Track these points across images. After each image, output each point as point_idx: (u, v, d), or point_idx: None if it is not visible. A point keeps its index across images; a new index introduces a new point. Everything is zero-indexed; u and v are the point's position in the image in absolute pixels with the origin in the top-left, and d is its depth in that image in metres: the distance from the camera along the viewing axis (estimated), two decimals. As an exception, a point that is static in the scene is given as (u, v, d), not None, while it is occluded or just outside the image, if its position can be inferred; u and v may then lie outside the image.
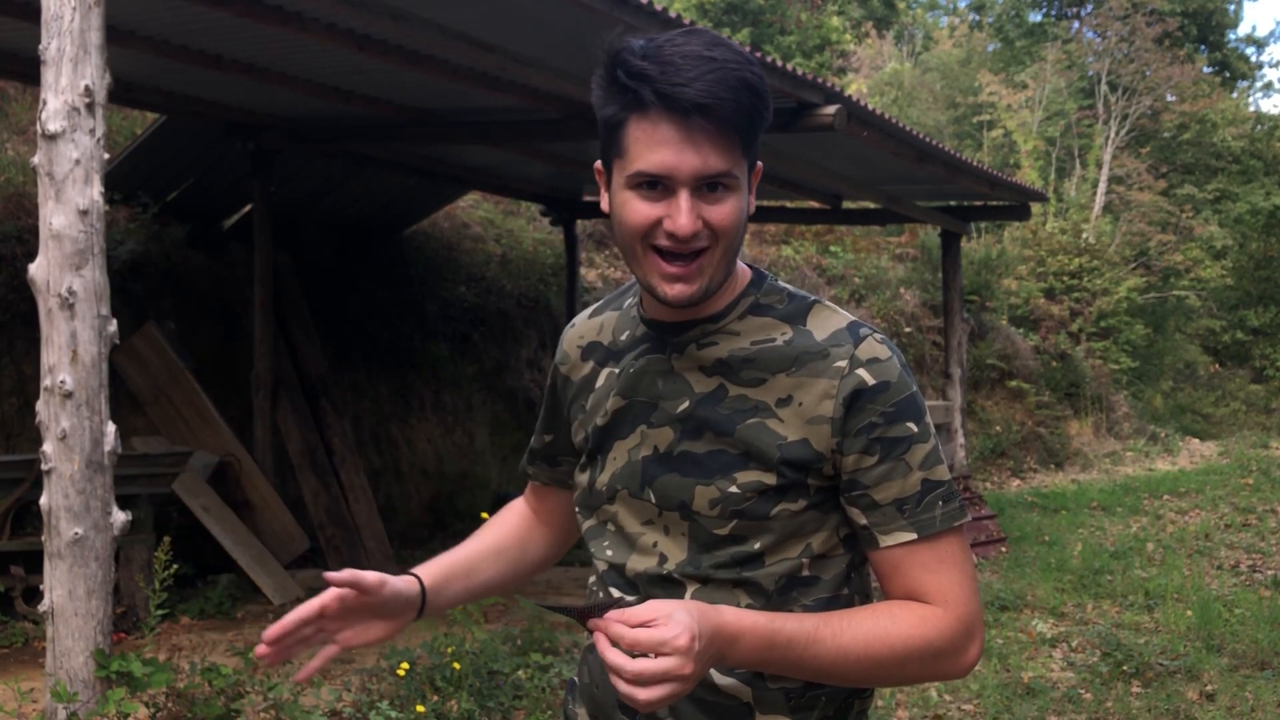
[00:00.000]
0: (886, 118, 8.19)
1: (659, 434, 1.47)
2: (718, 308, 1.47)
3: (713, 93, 1.31)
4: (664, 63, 1.32)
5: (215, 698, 4.18)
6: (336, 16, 5.60)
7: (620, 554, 1.51)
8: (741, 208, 1.39)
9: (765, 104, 1.37)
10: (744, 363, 1.44)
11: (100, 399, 3.87)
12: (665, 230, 1.35)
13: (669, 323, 1.48)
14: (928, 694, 5.50)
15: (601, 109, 1.39)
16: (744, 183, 1.39)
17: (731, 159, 1.35)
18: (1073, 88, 25.32)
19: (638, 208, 1.36)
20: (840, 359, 1.41)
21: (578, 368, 1.60)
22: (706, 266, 1.38)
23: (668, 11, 5.83)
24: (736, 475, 1.42)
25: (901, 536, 1.41)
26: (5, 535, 6.46)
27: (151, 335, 8.22)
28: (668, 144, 1.33)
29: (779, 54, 21.63)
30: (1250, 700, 5.33)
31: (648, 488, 1.48)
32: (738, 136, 1.35)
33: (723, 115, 1.32)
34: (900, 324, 15.19)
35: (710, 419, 1.44)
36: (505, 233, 12.97)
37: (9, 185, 8.80)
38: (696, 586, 1.45)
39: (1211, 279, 23.50)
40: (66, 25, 3.83)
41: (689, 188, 1.34)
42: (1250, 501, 11.83)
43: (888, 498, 1.40)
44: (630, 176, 1.36)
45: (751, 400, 1.43)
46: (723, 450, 1.43)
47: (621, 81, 1.34)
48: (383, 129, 8.39)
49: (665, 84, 1.31)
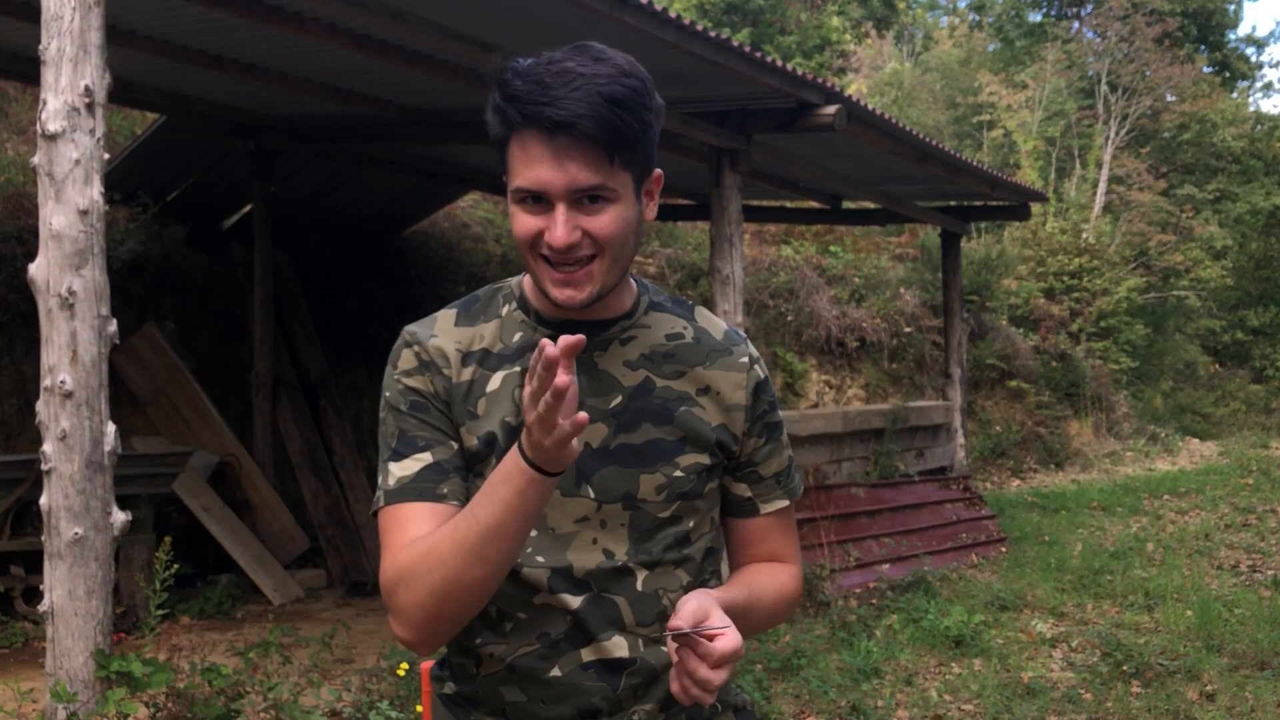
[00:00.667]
0: (886, 118, 8.19)
1: (590, 431, 1.50)
2: (627, 306, 1.57)
3: (573, 111, 1.37)
4: (534, 83, 1.39)
5: (215, 698, 4.18)
6: (336, 16, 5.60)
7: (554, 556, 1.50)
8: (624, 217, 1.44)
9: (636, 115, 1.41)
10: (665, 357, 1.57)
11: (100, 399, 3.87)
12: (545, 241, 1.43)
13: (583, 322, 1.53)
14: (928, 694, 5.50)
15: (490, 129, 1.47)
16: (626, 193, 1.44)
17: (603, 173, 1.41)
18: (1073, 88, 25.32)
19: (523, 220, 1.45)
20: (742, 355, 1.62)
21: (459, 372, 1.55)
22: (596, 273, 1.45)
23: (667, 11, 5.82)
24: (679, 460, 1.53)
25: (778, 504, 1.66)
26: (5, 535, 6.46)
27: (151, 335, 8.22)
28: (539, 161, 1.40)
29: (779, 54, 21.63)
30: (1250, 700, 5.33)
31: (585, 484, 1.50)
32: (604, 151, 1.39)
33: (586, 132, 1.37)
34: (900, 324, 15.18)
35: (646, 409, 1.53)
36: (505, 233, 12.97)
37: (9, 185, 8.80)
38: (646, 573, 1.52)
39: (1211, 279, 23.49)
40: (66, 25, 3.83)
41: (564, 201, 1.41)
42: (1250, 501, 11.83)
43: (769, 472, 1.64)
44: (514, 192, 1.45)
45: (676, 391, 1.55)
46: (661, 438, 1.53)
47: (497, 103, 1.43)
48: (383, 129, 8.39)
49: (531, 105, 1.38)
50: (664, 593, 1.53)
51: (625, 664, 1.51)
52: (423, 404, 1.53)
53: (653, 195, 1.52)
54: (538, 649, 1.51)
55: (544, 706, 1.52)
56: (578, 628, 1.50)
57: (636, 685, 1.52)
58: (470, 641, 1.56)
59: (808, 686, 5.42)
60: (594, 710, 1.51)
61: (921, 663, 6.06)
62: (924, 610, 6.93)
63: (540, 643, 1.51)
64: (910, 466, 10.84)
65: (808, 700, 5.29)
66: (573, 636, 1.51)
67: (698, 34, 6.09)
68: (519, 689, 1.53)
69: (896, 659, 6.05)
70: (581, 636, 1.50)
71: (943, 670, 5.96)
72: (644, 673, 1.52)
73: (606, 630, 1.50)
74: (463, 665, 1.60)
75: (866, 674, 5.69)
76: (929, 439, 11.52)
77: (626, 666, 1.51)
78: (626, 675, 1.51)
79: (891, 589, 7.68)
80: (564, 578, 1.50)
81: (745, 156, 7.53)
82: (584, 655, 1.51)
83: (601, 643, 1.50)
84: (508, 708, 1.55)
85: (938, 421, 11.62)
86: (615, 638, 1.51)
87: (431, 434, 1.52)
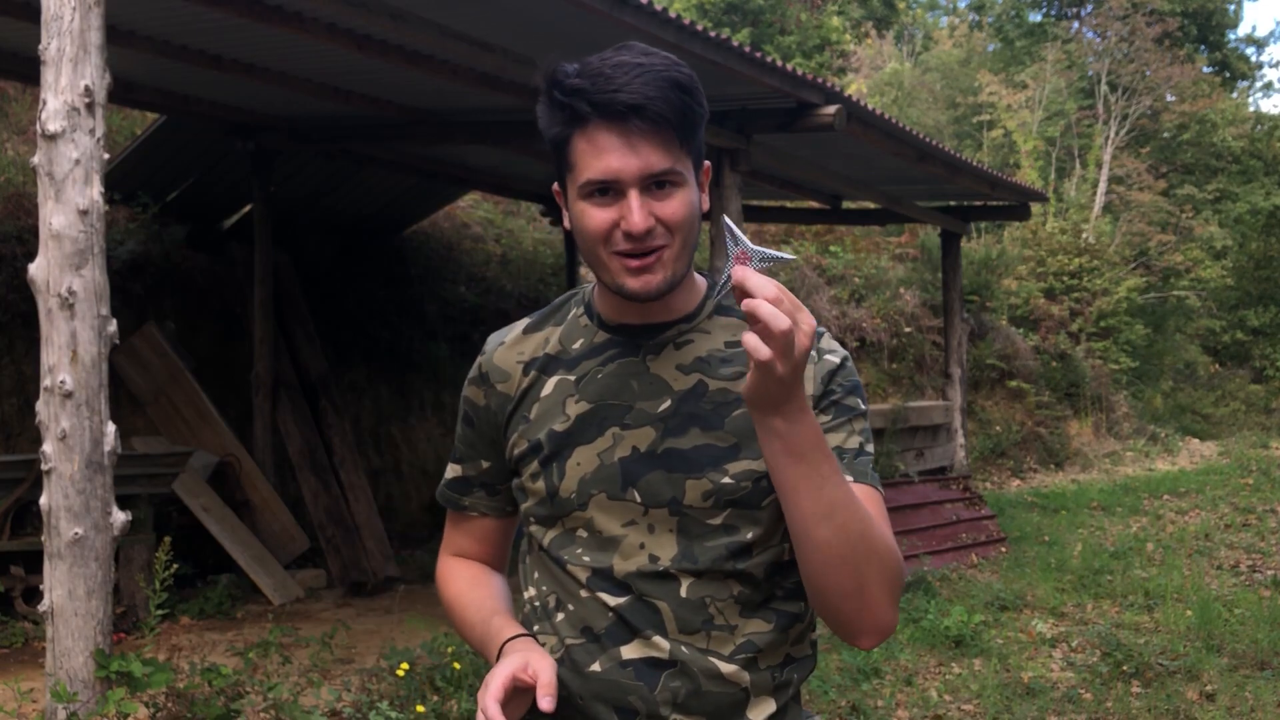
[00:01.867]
0: (886, 118, 8.19)
1: (638, 434, 1.50)
2: (690, 308, 1.54)
3: (643, 94, 1.38)
4: (595, 75, 1.40)
5: (215, 698, 4.18)
6: (336, 16, 5.60)
7: (600, 558, 1.51)
8: (691, 201, 1.45)
9: (697, 100, 1.44)
10: (722, 362, 1.52)
11: (100, 399, 3.87)
12: (622, 231, 1.42)
13: (640, 325, 1.53)
14: (928, 694, 5.50)
15: (548, 131, 1.46)
16: (690, 178, 1.46)
17: (672, 156, 1.42)
18: (1073, 88, 25.32)
19: (593, 215, 1.43)
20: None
21: (517, 383, 1.59)
22: (668, 260, 1.44)
23: (667, 11, 5.83)
24: (728, 466, 1.48)
25: None
26: (5, 535, 6.46)
27: (151, 335, 8.22)
28: (610, 150, 1.40)
29: (779, 54, 21.63)
30: (1250, 700, 5.33)
31: (631, 488, 1.49)
32: (674, 133, 1.41)
33: (656, 114, 1.39)
34: (900, 324, 15.18)
35: (696, 414, 1.50)
36: (505, 233, 12.98)
37: (9, 185, 8.80)
38: (691, 580, 1.48)
39: (1211, 279, 23.50)
40: (66, 25, 3.83)
41: (637, 188, 1.41)
42: (1250, 501, 11.83)
43: (831, 445, 1.47)
44: (581, 187, 1.43)
45: (734, 393, 1.50)
46: (711, 444, 1.49)
47: (559, 100, 1.42)
48: (383, 129, 8.39)
49: (598, 94, 1.39)
50: (712, 601, 1.48)
51: (665, 664, 1.48)
52: (470, 417, 1.64)
53: (704, 187, 1.52)
54: (583, 643, 1.52)
55: (583, 703, 1.52)
56: (620, 624, 1.50)
57: (677, 689, 1.48)
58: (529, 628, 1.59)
59: (807, 687, 5.42)
60: (631, 710, 1.49)
61: (921, 663, 6.06)
62: (924, 610, 6.93)
63: (585, 636, 1.52)
64: (910, 466, 10.84)
65: (808, 700, 5.29)
66: (614, 633, 1.50)
67: (698, 34, 6.09)
68: (563, 683, 1.53)
69: (896, 659, 6.05)
70: (624, 633, 1.50)
71: (943, 670, 5.96)
72: (686, 676, 1.48)
73: (646, 631, 1.49)
74: None
75: (866, 674, 5.69)
76: (929, 439, 11.52)
77: (667, 668, 1.48)
78: (666, 676, 1.48)
79: (891, 589, 7.68)
80: (603, 577, 1.50)
81: (745, 156, 7.53)
82: (624, 653, 1.50)
83: (643, 642, 1.49)
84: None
85: (938, 421, 11.62)
86: (655, 638, 1.49)
87: (467, 449, 1.66)
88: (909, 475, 10.58)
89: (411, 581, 8.03)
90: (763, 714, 1.51)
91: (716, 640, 1.49)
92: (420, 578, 8.10)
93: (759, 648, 1.50)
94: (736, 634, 1.49)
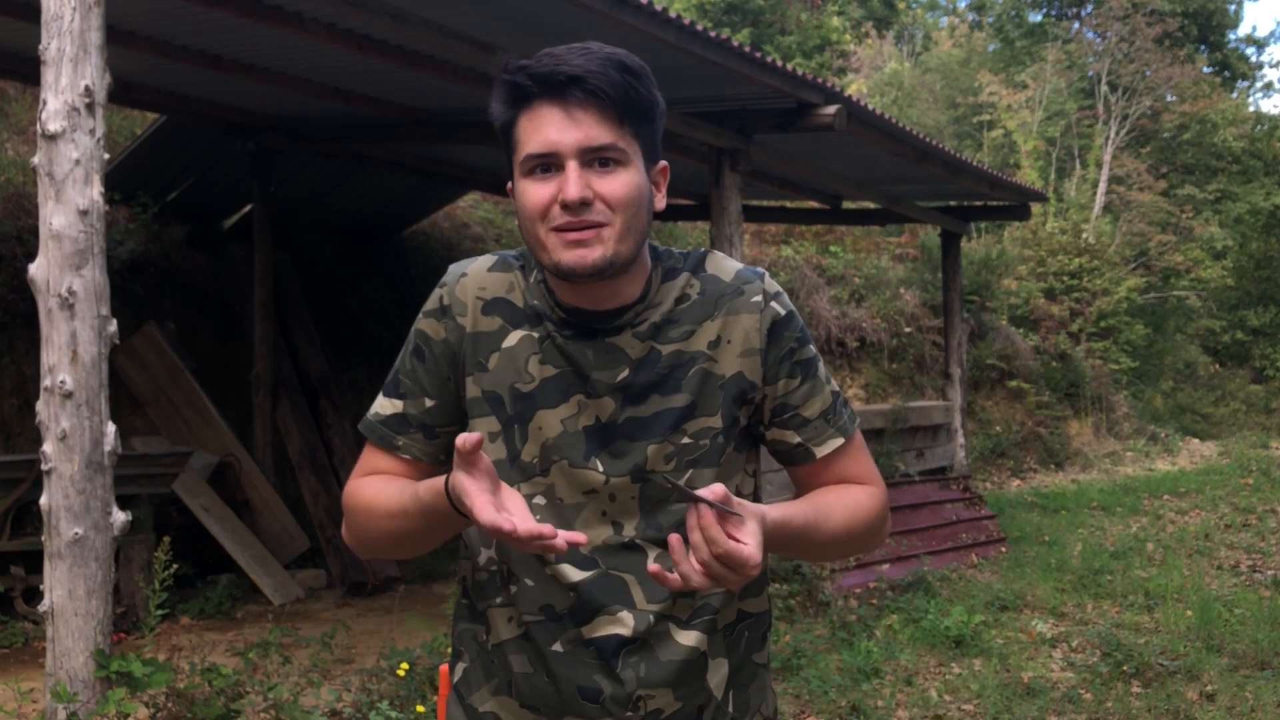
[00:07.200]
0: (886, 118, 8.19)
1: (600, 404, 1.49)
2: (638, 290, 1.51)
3: (584, 67, 1.39)
4: (541, 55, 1.41)
5: (215, 698, 4.18)
6: (336, 16, 5.60)
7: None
8: (637, 184, 1.43)
9: (644, 85, 1.43)
10: (669, 324, 1.51)
11: (100, 399, 3.87)
12: (559, 203, 1.40)
13: (594, 311, 1.49)
14: (928, 694, 5.50)
15: (497, 120, 1.46)
16: (637, 163, 1.44)
17: (614, 133, 1.41)
18: (1073, 88, 25.32)
19: (533, 191, 1.42)
20: (754, 294, 1.54)
21: (476, 320, 1.53)
22: (607, 238, 1.41)
23: (667, 11, 5.83)
24: (685, 426, 1.50)
25: (833, 444, 1.57)
26: (5, 535, 6.45)
27: (151, 335, 8.22)
28: (550, 123, 1.40)
29: (779, 54, 21.63)
30: (1250, 700, 5.33)
31: (594, 456, 1.49)
32: (615, 110, 1.40)
33: (595, 86, 1.38)
34: (900, 324, 15.18)
35: (653, 381, 1.50)
36: (505, 233, 12.97)
37: (9, 185, 8.80)
38: (657, 551, 1.48)
39: (1211, 279, 23.49)
40: (66, 25, 3.83)
41: (576, 159, 1.40)
42: (1250, 501, 11.83)
43: (815, 413, 1.56)
44: (522, 164, 1.43)
45: (687, 353, 1.51)
46: (668, 408, 1.50)
47: (505, 80, 1.43)
48: (383, 129, 8.39)
49: (540, 68, 1.40)
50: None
51: (627, 640, 1.48)
52: (422, 351, 1.56)
53: (660, 186, 1.51)
54: (543, 620, 1.50)
55: (546, 682, 1.51)
56: (581, 603, 1.49)
57: (637, 664, 1.48)
58: (480, 604, 1.56)
59: (808, 686, 5.42)
60: (595, 690, 1.48)
61: (921, 663, 6.06)
62: (924, 610, 6.93)
63: (544, 614, 1.50)
64: (910, 466, 10.84)
65: (808, 700, 5.29)
66: (576, 613, 1.49)
67: (698, 34, 6.09)
68: (527, 659, 1.53)
69: (896, 659, 6.05)
70: (585, 612, 1.49)
71: (943, 670, 5.96)
72: (647, 650, 1.48)
73: (613, 607, 1.48)
74: (473, 633, 1.59)
75: (866, 674, 5.69)
76: (929, 439, 11.52)
77: (628, 644, 1.48)
78: (626, 653, 1.48)
79: (891, 589, 7.68)
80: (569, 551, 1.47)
81: (745, 156, 7.53)
82: (585, 632, 1.49)
83: (605, 619, 1.48)
84: (515, 679, 1.54)
85: (938, 421, 11.61)
86: (621, 613, 1.48)
87: (412, 384, 1.56)
88: (909, 475, 10.58)
89: (411, 581, 8.03)
90: (718, 676, 1.54)
91: (680, 606, 1.50)
92: (420, 578, 8.11)
93: (716, 608, 1.52)
94: (696, 597, 1.51)
